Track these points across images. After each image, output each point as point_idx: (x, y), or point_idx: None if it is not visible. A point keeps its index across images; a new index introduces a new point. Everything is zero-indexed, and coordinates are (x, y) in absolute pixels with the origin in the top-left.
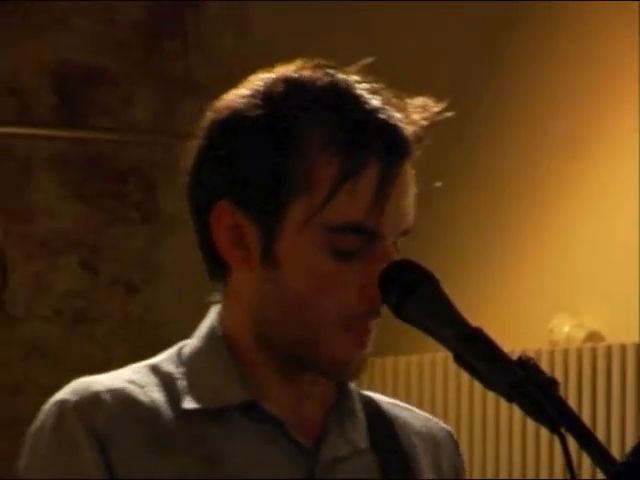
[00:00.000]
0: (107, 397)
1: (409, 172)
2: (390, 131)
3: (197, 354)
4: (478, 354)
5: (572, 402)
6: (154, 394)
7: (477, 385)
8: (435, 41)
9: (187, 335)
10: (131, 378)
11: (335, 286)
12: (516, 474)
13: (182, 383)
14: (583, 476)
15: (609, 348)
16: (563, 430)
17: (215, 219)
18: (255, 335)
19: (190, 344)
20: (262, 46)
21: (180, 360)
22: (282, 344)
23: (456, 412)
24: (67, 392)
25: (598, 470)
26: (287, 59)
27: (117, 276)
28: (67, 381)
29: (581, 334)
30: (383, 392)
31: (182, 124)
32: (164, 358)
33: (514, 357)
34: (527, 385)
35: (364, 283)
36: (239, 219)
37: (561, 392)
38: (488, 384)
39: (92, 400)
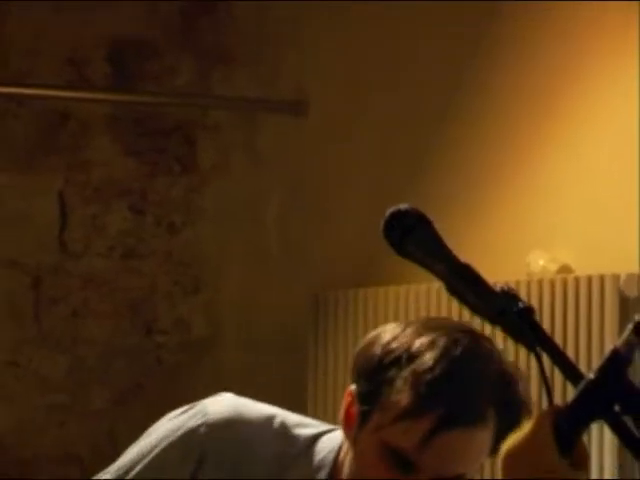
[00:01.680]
0: (231, 438)
1: (471, 436)
2: (453, 400)
3: (318, 453)
4: (467, 286)
5: (546, 326)
6: (265, 455)
7: (466, 314)
8: None
9: (220, 270)
10: (263, 431)
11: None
12: None
13: (291, 462)
14: (555, 391)
15: (577, 279)
16: (539, 349)
17: (347, 392)
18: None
19: (324, 444)
20: (283, 23)
21: (308, 444)
22: None
23: None
24: (220, 416)
25: (568, 385)
26: (306, 34)
27: (161, 219)
28: (119, 308)
29: (554, 267)
30: (376, 322)
31: (216, 88)
32: (303, 434)
33: (497, 288)
34: (509, 312)
35: None
36: (355, 403)
37: (537, 318)
38: (476, 311)
39: (221, 436)
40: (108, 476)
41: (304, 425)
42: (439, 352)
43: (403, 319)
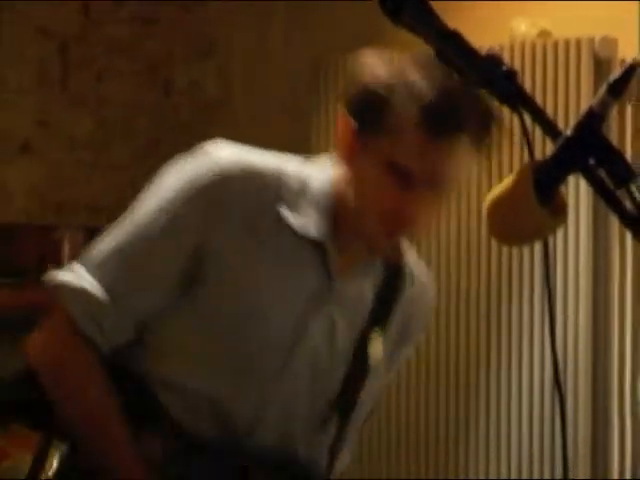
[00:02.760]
0: (242, 186)
1: (458, 150)
2: (443, 111)
3: (311, 192)
4: (456, 51)
5: (527, 87)
6: (271, 196)
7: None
8: None
9: (230, 37)
10: (263, 175)
11: (379, 193)
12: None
13: (293, 201)
14: (536, 148)
15: (556, 43)
16: (521, 109)
17: (342, 117)
18: (344, 198)
19: (314, 178)
20: None
21: (302, 185)
22: (352, 220)
23: None
24: (227, 163)
25: (548, 142)
26: None
27: None
28: (140, 72)
29: (534, 31)
30: None
31: None
32: (293, 172)
33: (483, 53)
34: (494, 75)
35: (396, 206)
36: (349, 126)
37: (519, 80)
38: (464, 75)
39: (232, 180)
40: (126, 228)
41: (288, 160)
42: (436, 83)
43: None
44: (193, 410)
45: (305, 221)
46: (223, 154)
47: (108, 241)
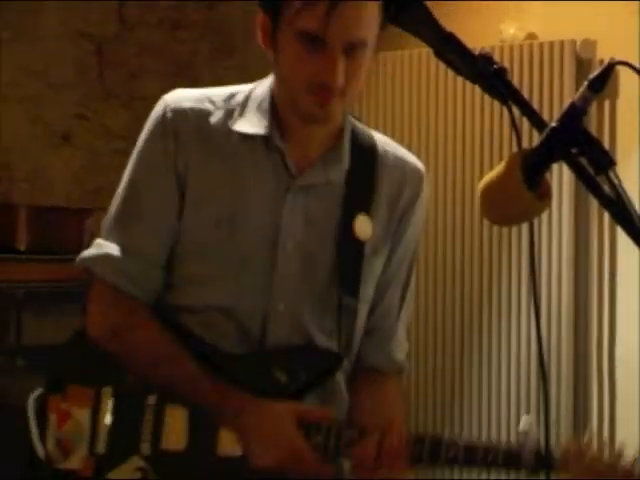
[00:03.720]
0: (192, 112)
1: (364, 5)
2: None
3: (254, 99)
4: (451, 51)
5: (515, 84)
6: (220, 115)
7: (450, 74)
8: None
9: (250, 37)
10: (212, 100)
11: (297, 64)
12: (484, 155)
13: (239, 113)
14: (523, 138)
15: (541, 45)
16: (510, 103)
17: (258, 18)
18: (280, 95)
19: (257, 91)
20: None
21: (246, 97)
22: (287, 103)
23: (435, 100)
24: (175, 98)
25: (534, 133)
26: None
27: None
28: (170, 69)
29: (522, 34)
30: (377, 82)
31: None
32: (241, 91)
33: (476, 52)
34: (486, 72)
35: (315, 71)
36: (265, 19)
37: (508, 77)
38: (459, 72)
39: (182, 111)
40: (121, 187)
41: (241, 86)
42: None
43: (399, 79)
44: (211, 327)
45: (250, 124)
46: (171, 94)
47: (113, 206)
